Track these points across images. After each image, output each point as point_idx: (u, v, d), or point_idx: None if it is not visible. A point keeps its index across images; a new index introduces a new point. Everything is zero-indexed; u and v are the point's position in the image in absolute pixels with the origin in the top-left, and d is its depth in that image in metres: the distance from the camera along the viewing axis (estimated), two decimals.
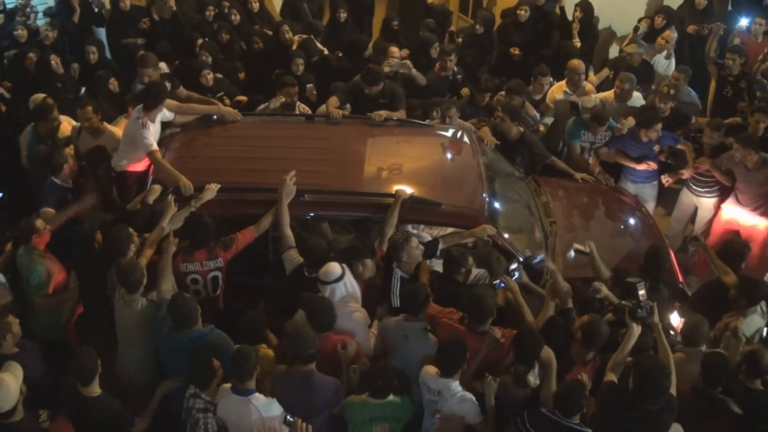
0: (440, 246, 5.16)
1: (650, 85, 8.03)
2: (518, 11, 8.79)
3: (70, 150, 6.09)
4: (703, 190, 6.81)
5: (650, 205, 6.97)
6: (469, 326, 4.53)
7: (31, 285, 5.30)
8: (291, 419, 4.05)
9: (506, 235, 5.46)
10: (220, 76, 7.54)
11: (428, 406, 4.35)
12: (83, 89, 7.66)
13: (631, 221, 6.41)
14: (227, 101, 7.13)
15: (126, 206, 5.74)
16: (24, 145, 6.43)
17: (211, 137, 6.16)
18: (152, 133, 5.63)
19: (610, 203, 6.73)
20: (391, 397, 4.27)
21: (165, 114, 5.87)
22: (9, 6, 8.71)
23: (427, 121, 6.92)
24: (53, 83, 7.25)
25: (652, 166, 6.82)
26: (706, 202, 6.86)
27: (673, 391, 3.99)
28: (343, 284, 4.64)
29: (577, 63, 7.62)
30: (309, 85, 7.45)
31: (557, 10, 9.06)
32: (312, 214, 5.48)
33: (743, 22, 8.57)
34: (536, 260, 5.30)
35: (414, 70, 7.64)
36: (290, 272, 4.95)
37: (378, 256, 5.03)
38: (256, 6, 9.21)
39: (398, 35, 8.61)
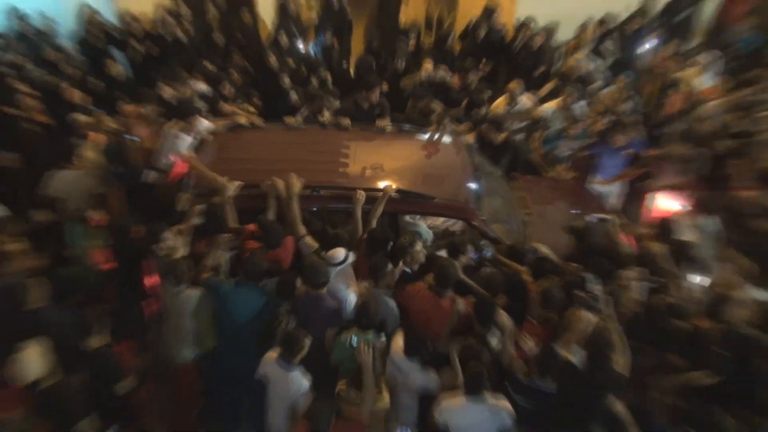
0: None
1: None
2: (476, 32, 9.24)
3: None
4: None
5: (612, 200, 7.38)
6: (436, 291, 5.05)
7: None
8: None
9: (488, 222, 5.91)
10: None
11: (391, 379, 4.80)
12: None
13: (589, 210, 6.68)
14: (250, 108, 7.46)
15: (167, 202, 6.07)
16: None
17: (239, 141, 6.51)
18: (187, 140, 6.05)
19: (573, 197, 7.14)
20: (372, 332, 4.86)
21: (203, 124, 6.28)
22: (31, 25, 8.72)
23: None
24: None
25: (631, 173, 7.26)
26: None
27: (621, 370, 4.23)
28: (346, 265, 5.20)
29: (515, 84, 8.07)
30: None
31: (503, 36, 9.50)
32: (326, 206, 5.86)
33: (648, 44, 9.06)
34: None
35: (447, 76, 8.18)
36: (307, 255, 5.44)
37: (361, 243, 5.49)
38: (248, 20, 9.53)
39: (378, 53, 8.94)
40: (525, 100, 8.09)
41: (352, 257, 5.27)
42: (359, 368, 4.67)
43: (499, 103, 8.14)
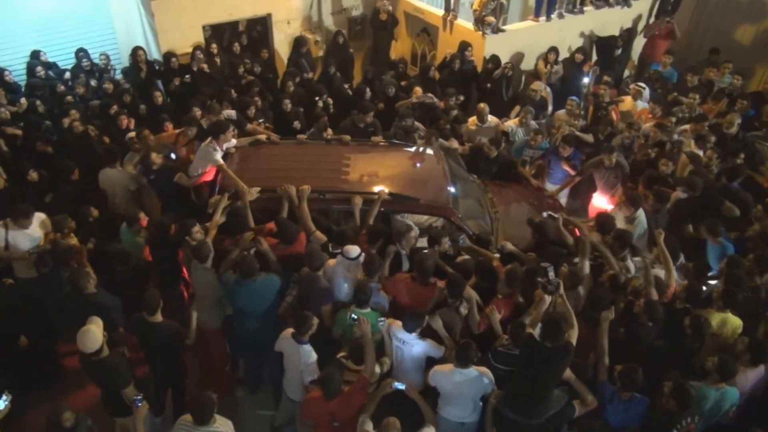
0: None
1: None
2: (452, 64, 9.23)
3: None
4: None
5: (564, 200, 7.43)
6: (418, 280, 5.07)
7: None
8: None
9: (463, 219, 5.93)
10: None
11: (396, 351, 4.74)
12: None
13: (547, 210, 6.49)
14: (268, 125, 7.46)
15: (201, 204, 6.18)
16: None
17: (259, 154, 6.50)
18: (219, 152, 6.05)
19: (534, 198, 7.10)
20: (368, 309, 4.86)
21: (231, 141, 6.29)
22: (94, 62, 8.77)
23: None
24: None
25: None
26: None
27: (572, 340, 4.22)
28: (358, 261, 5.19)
29: (483, 106, 8.01)
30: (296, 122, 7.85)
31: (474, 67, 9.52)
32: (331, 207, 5.84)
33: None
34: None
35: (435, 99, 8.30)
36: None
37: (362, 239, 5.47)
38: (265, 55, 9.51)
39: (372, 81, 8.97)
40: (491, 119, 8.10)
41: (362, 256, 5.19)
42: (357, 341, 4.63)
43: (472, 121, 8.11)
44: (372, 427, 4.11)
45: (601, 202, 7.24)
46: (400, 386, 4.35)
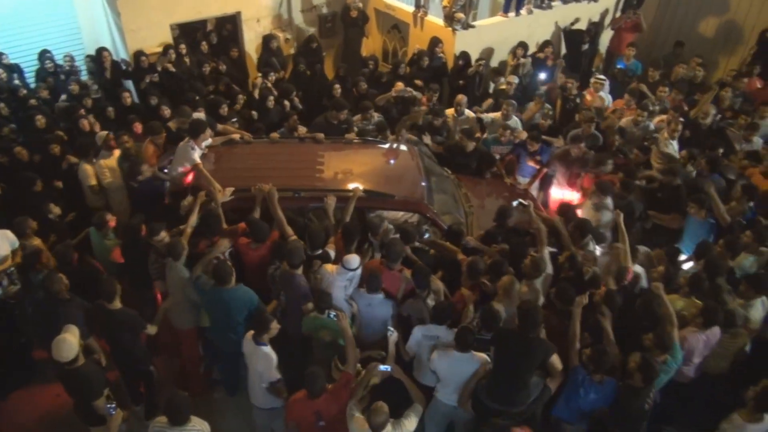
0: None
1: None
2: (420, 61, 9.31)
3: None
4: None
5: (535, 193, 7.46)
6: (386, 265, 5.13)
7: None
8: (334, 314, 4.70)
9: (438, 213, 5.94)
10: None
11: (426, 344, 4.75)
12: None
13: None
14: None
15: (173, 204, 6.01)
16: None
17: (233, 154, 6.45)
18: (198, 152, 6.01)
19: (508, 193, 7.09)
20: (332, 314, 4.82)
21: (208, 141, 6.27)
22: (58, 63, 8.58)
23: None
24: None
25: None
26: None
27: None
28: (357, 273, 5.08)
29: (461, 97, 8.11)
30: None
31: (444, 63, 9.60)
32: (307, 205, 5.79)
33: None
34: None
35: (415, 92, 8.31)
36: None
37: (338, 236, 5.44)
38: (235, 54, 9.44)
39: (345, 78, 8.91)
40: (467, 112, 8.17)
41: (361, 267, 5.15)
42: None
43: (449, 113, 8.16)
44: (361, 412, 4.14)
45: (562, 191, 7.35)
46: (386, 368, 4.40)
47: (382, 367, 4.39)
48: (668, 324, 4.73)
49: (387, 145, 6.93)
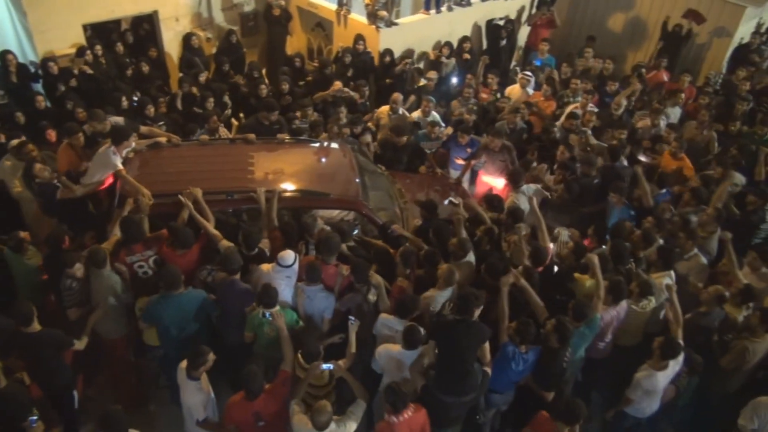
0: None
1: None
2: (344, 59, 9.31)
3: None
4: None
5: (466, 185, 7.65)
6: (322, 260, 5.18)
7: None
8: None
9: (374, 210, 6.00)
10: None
11: (385, 333, 4.83)
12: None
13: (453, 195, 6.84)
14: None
15: (97, 212, 5.92)
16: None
17: (160, 157, 6.23)
18: (119, 159, 5.74)
19: (440, 186, 7.26)
20: (277, 308, 4.77)
21: (131, 146, 6.02)
22: None
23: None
24: None
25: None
26: None
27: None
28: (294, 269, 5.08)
29: (396, 95, 8.27)
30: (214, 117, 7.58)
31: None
32: (240, 207, 5.76)
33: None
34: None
35: (352, 93, 8.37)
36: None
37: (273, 235, 5.46)
38: (154, 54, 9.24)
39: (259, 79, 8.82)
40: (402, 110, 8.29)
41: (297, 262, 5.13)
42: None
43: (384, 111, 8.24)
44: (303, 411, 4.15)
45: (488, 182, 7.60)
46: (328, 367, 4.45)
47: (324, 366, 4.43)
48: (595, 297, 5.10)
49: (320, 144, 6.92)
